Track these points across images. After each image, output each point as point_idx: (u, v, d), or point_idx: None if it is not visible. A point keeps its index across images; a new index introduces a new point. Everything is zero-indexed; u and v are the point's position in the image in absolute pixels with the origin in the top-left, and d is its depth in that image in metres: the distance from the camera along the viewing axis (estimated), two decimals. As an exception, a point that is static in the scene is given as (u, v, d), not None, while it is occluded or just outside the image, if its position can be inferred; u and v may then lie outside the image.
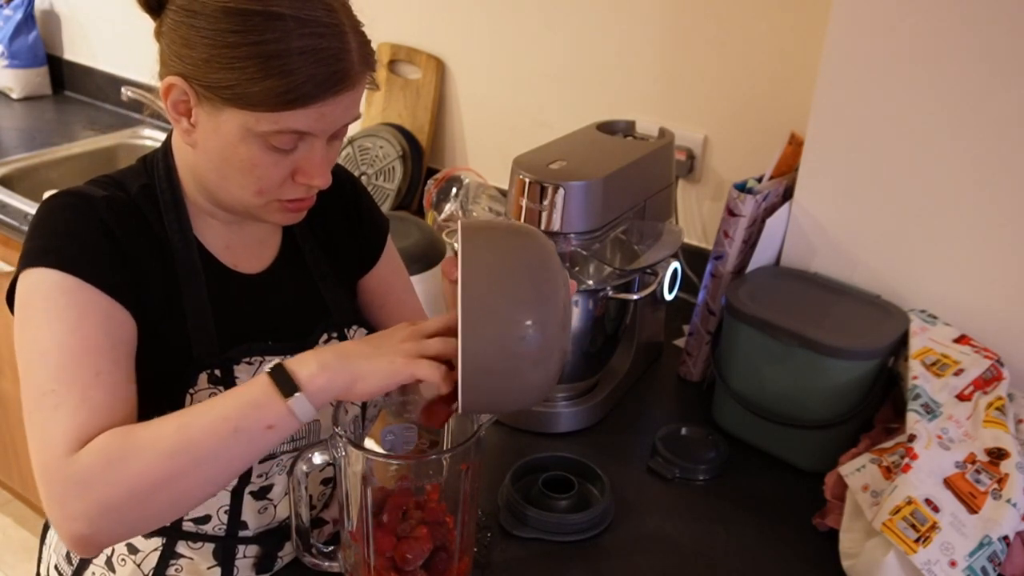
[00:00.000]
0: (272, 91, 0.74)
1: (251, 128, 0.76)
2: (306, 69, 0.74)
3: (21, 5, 2.42)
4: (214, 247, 0.89)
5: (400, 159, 1.83)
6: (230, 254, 0.90)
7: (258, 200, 0.82)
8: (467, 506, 0.84)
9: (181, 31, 0.76)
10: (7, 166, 2.00)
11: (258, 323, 0.89)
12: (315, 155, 0.80)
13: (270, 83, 0.73)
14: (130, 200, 0.84)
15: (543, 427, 1.22)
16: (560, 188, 1.10)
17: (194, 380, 0.82)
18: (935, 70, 1.11)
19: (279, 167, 0.79)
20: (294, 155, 0.79)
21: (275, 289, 0.92)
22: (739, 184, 1.25)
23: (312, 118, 0.76)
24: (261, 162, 0.79)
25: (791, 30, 1.41)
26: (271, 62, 0.73)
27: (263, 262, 0.93)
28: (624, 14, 1.57)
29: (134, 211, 0.83)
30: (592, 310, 1.16)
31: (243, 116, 0.76)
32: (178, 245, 0.85)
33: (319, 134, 0.79)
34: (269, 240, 0.94)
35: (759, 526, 1.07)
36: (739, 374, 1.20)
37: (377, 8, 1.90)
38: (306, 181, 0.81)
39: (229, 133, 0.77)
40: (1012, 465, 0.96)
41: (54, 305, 0.76)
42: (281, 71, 0.73)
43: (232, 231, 0.90)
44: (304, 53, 0.73)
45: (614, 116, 1.41)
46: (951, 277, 1.18)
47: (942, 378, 1.07)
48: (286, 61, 0.73)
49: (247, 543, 0.91)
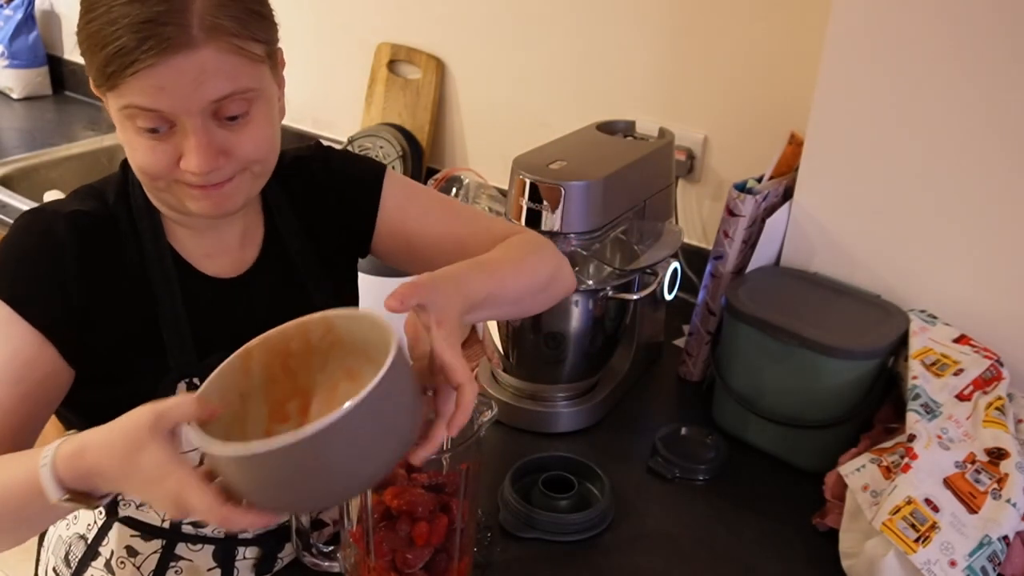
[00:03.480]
0: (99, 66, 0.72)
1: (114, 109, 0.75)
2: (121, 37, 0.70)
3: (21, 5, 2.41)
4: (192, 255, 0.87)
5: (400, 159, 1.83)
6: (209, 261, 0.88)
7: (157, 184, 0.79)
8: (467, 506, 0.84)
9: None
10: (7, 166, 2.00)
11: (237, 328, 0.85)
12: (188, 138, 0.75)
13: (97, 58, 0.72)
14: (105, 213, 0.82)
15: (543, 427, 1.22)
16: (560, 188, 1.10)
17: (173, 390, 0.82)
18: (935, 70, 1.11)
19: (156, 152, 0.76)
20: (174, 139, 0.75)
21: (254, 292, 0.90)
22: (739, 184, 1.25)
23: (148, 91, 0.72)
24: (137, 145, 0.76)
25: (791, 30, 1.41)
26: (95, 37, 0.71)
27: (243, 265, 0.90)
28: (624, 14, 1.57)
29: (106, 226, 0.82)
30: (592, 310, 1.16)
31: (109, 99, 0.75)
32: (152, 254, 0.83)
33: (174, 111, 0.73)
34: (250, 240, 0.91)
35: (759, 526, 1.07)
36: (739, 374, 1.20)
37: (377, 8, 1.91)
38: (184, 166, 0.76)
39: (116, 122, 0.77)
40: (1012, 465, 0.96)
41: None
42: (102, 43, 0.71)
43: (208, 237, 0.88)
44: (119, 21, 0.70)
45: (614, 116, 1.41)
46: (951, 277, 1.18)
47: (942, 378, 1.07)
48: (107, 33, 0.70)
49: (247, 544, 0.91)
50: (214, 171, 0.76)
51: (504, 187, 1.22)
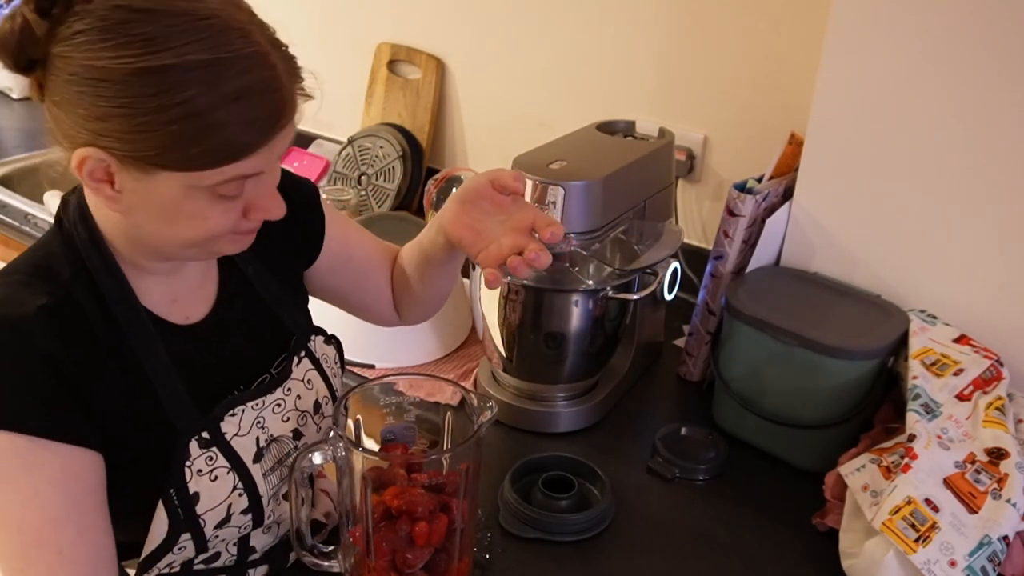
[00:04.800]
0: (213, 148, 0.67)
1: (194, 185, 0.69)
2: (244, 115, 0.67)
3: (21, 5, 2.42)
4: (159, 307, 0.82)
5: (400, 159, 1.83)
6: (177, 307, 0.84)
7: (210, 244, 0.76)
8: (467, 506, 0.84)
9: (85, 101, 0.66)
10: (7, 166, 2.00)
11: (224, 370, 0.86)
12: (266, 190, 0.75)
13: (209, 141, 0.66)
14: (68, 296, 0.75)
15: (543, 427, 1.22)
16: (560, 188, 1.10)
17: (187, 452, 0.79)
18: (935, 70, 1.11)
19: (230, 212, 0.74)
20: (244, 195, 0.74)
21: (227, 326, 0.87)
22: (739, 184, 1.25)
23: (260, 159, 0.70)
24: (211, 213, 0.72)
25: (791, 30, 1.41)
26: (203, 118, 0.65)
27: (208, 301, 0.87)
28: (624, 14, 1.57)
29: (73, 310, 0.75)
30: (592, 310, 1.16)
31: (182, 177, 0.68)
32: (126, 319, 0.78)
33: (267, 169, 0.73)
34: (208, 277, 0.87)
35: (759, 526, 1.07)
36: (739, 374, 1.20)
37: (377, 8, 1.91)
38: (263, 216, 0.76)
39: (168, 194, 0.69)
40: (1012, 465, 0.97)
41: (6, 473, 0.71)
42: (217, 125, 0.66)
43: (174, 281, 0.83)
44: (238, 98, 0.66)
45: (614, 116, 1.41)
46: (951, 277, 1.18)
47: (942, 378, 1.07)
48: (220, 112, 0.66)
49: (256, 565, 0.91)
50: None
51: (504, 187, 1.22)
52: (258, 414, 0.85)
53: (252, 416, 0.84)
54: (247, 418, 0.83)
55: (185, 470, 0.78)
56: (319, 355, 0.94)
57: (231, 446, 0.81)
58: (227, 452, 0.81)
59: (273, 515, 0.88)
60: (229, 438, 0.82)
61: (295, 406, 0.89)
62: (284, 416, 0.87)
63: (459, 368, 1.37)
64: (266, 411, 0.86)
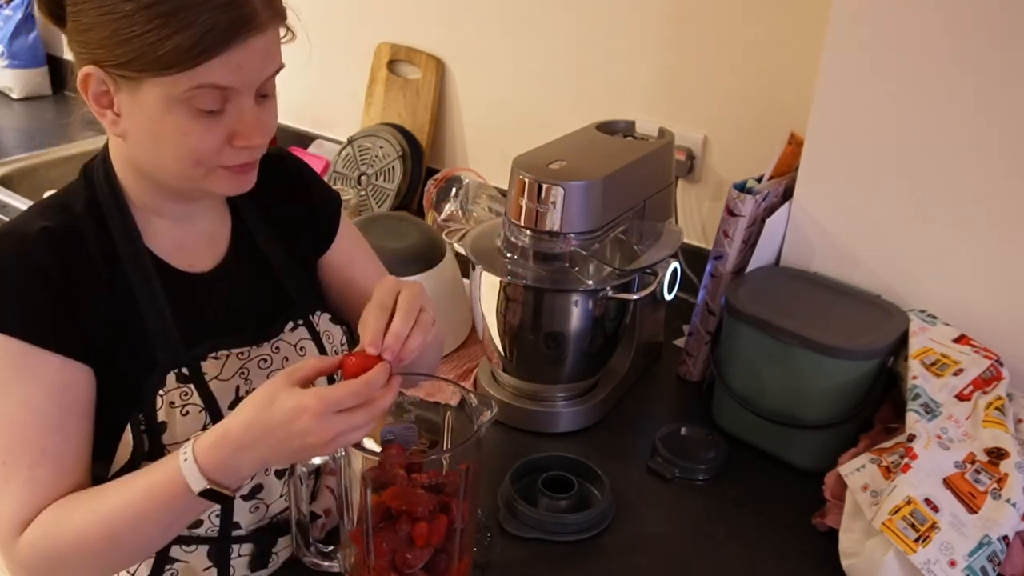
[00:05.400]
0: (179, 48, 0.72)
1: (171, 94, 0.74)
2: (207, 18, 0.72)
3: (21, 5, 2.42)
4: (165, 251, 0.87)
5: (400, 159, 1.83)
6: (183, 254, 0.88)
7: (199, 171, 0.79)
8: (467, 506, 0.84)
9: (80, 18, 0.75)
10: (7, 166, 2.00)
11: (219, 320, 0.89)
12: (246, 114, 0.78)
13: (175, 40, 0.72)
14: (73, 225, 0.82)
15: (543, 427, 1.22)
16: (560, 188, 1.10)
17: (163, 381, 0.82)
18: (935, 70, 1.11)
19: (211, 132, 0.77)
20: (225, 118, 0.77)
21: (231, 284, 0.91)
22: (739, 184, 1.25)
23: (228, 69, 0.74)
24: (192, 129, 0.76)
25: (791, 30, 1.41)
26: (170, 18, 0.72)
27: (216, 257, 0.91)
28: (624, 14, 1.57)
29: (75, 237, 0.81)
30: (592, 310, 1.16)
31: (160, 84, 0.74)
32: (128, 256, 0.83)
33: (241, 88, 0.76)
34: (219, 233, 0.92)
35: (759, 526, 1.07)
36: (739, 374, 1.20)
37: (377, 8, 1.91)
38: (245, 143, 0.79)
39: (153, 107, 0.76)
40: (1012, 465, 0.97)
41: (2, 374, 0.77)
42: (182, 25, 0.72)
43: (183, 228, 0.89)
44: (201, 2, 0.72)
45: (614, 116, 1.41)
46: (951, 277, 1.18)
47: (942, 378, 1.07)
48: (185, 14, 0.72)
49: (241, 542, 0.91)
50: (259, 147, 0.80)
51: (504, 187, 1.22)
52: (243, 364, 0.87)
53: (236, 365, 0.87)
54: (231, 365, 0.86)
55: (157, 398, 0.82)
56: (321, 330, 0.95)
57: (209, 387, 0.84)
58: (203, 392, 0.84)
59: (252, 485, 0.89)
60: (208, 379, 0.84)
61: (283, 367, 0.90)
62: (269, 374, 0.88)
63: (459, 368, 1.37)
64: (251, 363, 0.88)
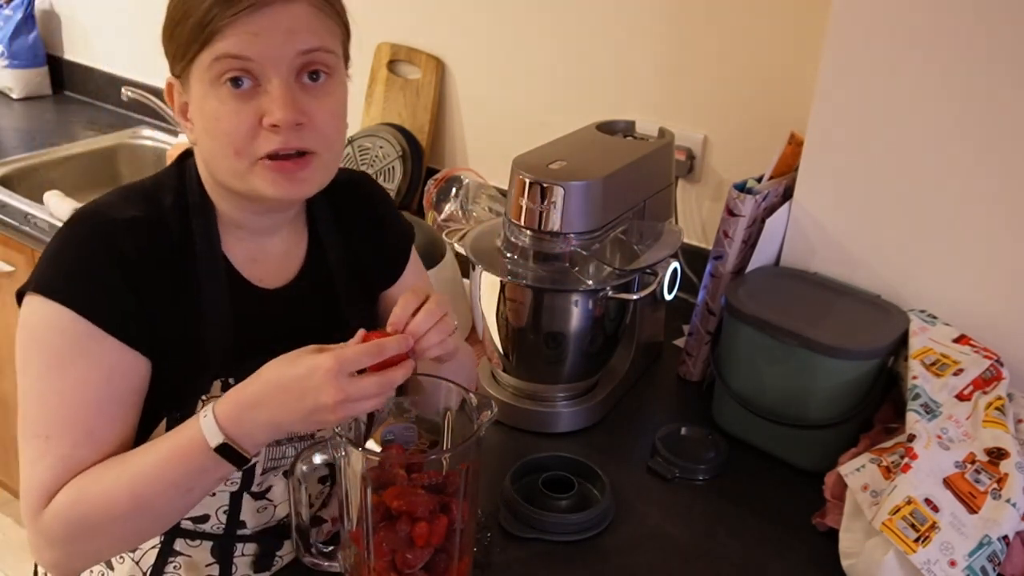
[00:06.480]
0: (194, 26, 0.75)
1: (202, 78, 0.77)
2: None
3: (21, 5, 2.41)
4: (240, 261, 0.89)
5: (400, 159, 1.83)
6: (256, 268, 0.90)
7: (241, 163, 0.80)
8: (467, 506, 0.84)
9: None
10: (7, 166, 2.00)
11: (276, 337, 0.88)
12: (273, 90, 0.77)
13: (190, 21, 0.76)
14: (160, 218, 0.84)
15: (543, 427, 1.22)
16: (560, 188, 1.10)
17: (207, 387, 0.84)
18: (935, 70, 1.11)
19: (240, 114, 0.78)
20: (255, 101, 0.78)
21: (295, 304, 0.92)
22: (739, 184, 1.25)
23: (243, 39, 0.75)
24: (223, 112, 0.78)
25: (791, 30, 1.41)
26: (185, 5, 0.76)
27: (287, 276, 0.93)
28: (624, 15, 1.57)
29: (161, 230, 0.83)
30: (592, 310, 1.16)
31: (196, 72, 0.78)
32: (205, 258, 0.85)
33: (262, 60, 0.76)
34: (294, 252, 0.94)
35: (759, 526, 1.07)
36: (739, 374, 1.20)
37: (377, 8, 1.91)
38: (269, 120, 0.78)
39: (198, 100, 0.79)
40: (1012, 465, 0.97)
41: (62, 350, 0.78)
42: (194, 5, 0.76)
43: (259, 242, 0.90)
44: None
45: (614, 116, 1.41)
46: (951, 277, 1.18)
47: (942, 378, 1.07)
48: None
49: (245, 541, 0.91)
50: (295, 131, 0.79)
51: (504, 187, 1.22)
52: None
53: None
54: None
55: (198, 402, 0.83)
56: None
57: None
58: None
59: (262, 486, 0.90)
60: None
61: None
62: None
63: (459, 368, 1.37)
64: None
